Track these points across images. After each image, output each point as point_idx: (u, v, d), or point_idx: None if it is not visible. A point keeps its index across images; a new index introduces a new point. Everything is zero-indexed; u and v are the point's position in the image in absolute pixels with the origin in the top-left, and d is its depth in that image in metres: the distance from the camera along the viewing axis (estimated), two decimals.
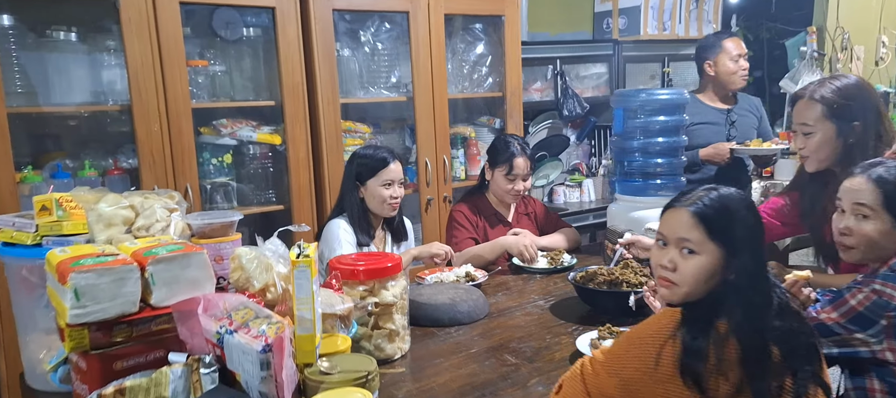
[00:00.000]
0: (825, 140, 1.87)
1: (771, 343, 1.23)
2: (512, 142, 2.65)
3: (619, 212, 2.65)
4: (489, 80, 3.63)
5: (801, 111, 1.91)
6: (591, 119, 4.15)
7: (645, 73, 4.25)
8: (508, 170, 2.61)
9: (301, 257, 1.38)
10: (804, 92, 1.92)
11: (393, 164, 2.43)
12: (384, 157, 2.43)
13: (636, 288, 1.94)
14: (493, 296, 2.23)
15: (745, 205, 1.31)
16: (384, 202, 2.42)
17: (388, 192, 2.41)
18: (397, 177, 2.43)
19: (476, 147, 3.60)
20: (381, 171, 2.41)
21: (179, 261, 1.36)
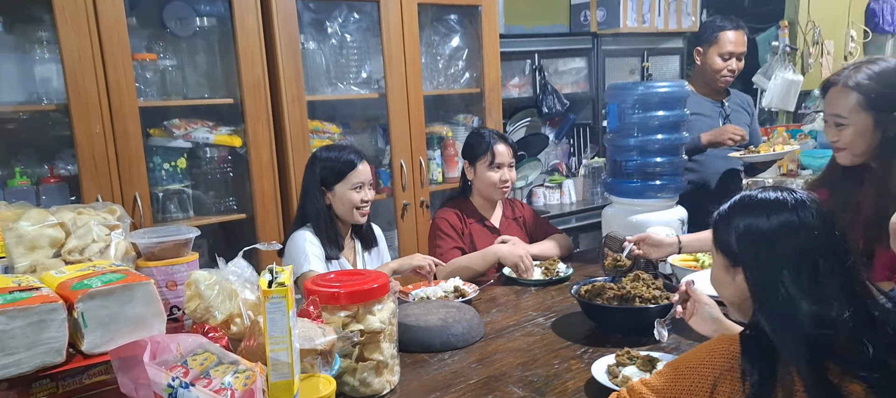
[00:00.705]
0: (860, 132, 1.67)
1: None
2: (486, 132, 2.47)
3: (615, 216, 2.44)
4: (466, 75, 3.40)
5: (834, 100, 1.71)
6: (570, 117, 3.96)
7: (624, 68, 4.08)
8: (491, 159, 2.39)
9: (274, 286, 1.12)
10: (838, 78, 1.72)
11: (361, 166, 2.18)
12: (351, 158, 2.17)
13: (650, 303, 1.72)
14: (486, 313, 2.00)
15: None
16: (354, 208, 2.16)
17: (359, 195, 2.16)
18: (367, 178, 2.18)
19: (454, 147, 3.36)
20: (349, 174, 2.15)
21: (118, 296, 1.08)
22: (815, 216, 1.12)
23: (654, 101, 2.33)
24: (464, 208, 2.49)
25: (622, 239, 2.13)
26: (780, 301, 1.08)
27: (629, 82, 2.75)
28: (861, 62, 1.70)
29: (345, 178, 2.16)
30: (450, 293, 2.11)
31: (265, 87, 2.76)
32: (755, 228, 1.14)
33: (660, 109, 2.33)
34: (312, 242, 2.12)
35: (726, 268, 1.20)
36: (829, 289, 1.06)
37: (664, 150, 2.35)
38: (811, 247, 1.09)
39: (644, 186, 2.36)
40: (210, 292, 1.32)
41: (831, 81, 1.73)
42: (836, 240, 1.11)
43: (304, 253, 2.09)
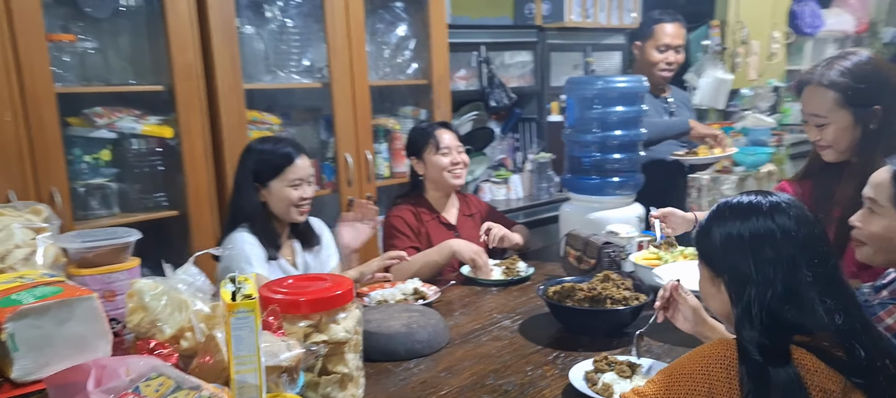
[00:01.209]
0: (842, 130, 1.66)
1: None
2: (424, 123, 2.41)
3: (574, 213, 2.39)
4: (413, 65, 3.28)
5: (811, 99, 1.70)
6: (515, 111, 3.91)
7: (569, 63, 4.06)
8: (436, 145, 2.31)
9: (240, 298, 0.98)
10: (811, 76, 1.70)
11: (299, 160, 2.03)
12: (288, 151, 2.02)
13: (621, 305, 1.67)
14: (449, 316, 1.90)
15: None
16: (292, 206, 2.02)
17: (297, 193, 2.01)
18: (307, 174, 2.04)
19: (400, 141, 3.23)
20: (286, 169, 2.00)
21: (55, 313, 0.92)
22: (791, 219, 1.08)
23: (613, 96, 2.29)
24: (418, 205, 2.38)
25: (586, 238, 2.08)
26: (761, 308, 1.03)
27: (588, 76, 2.70)
28: (832, 59, 1.69)
29: (281, 174, 2.00)
30: (409, 295, 2.00)
31: (199, 73, 2.56)
32: (732, 236, 1.10)
33: (618, 105, 2.29)
34: (252, 244, 1.96)
35: (711, 279, 1.16)
36: (811, 294, 1.03)
37: (623, 146, 2.31)
38: (789, 251, 1.06)
39: (603, 183, 2.32)
40: (156, 303, 1.16)
41: (805, 80, 1.71)
42: (816, 242, 1.07)
43: (246, 256, 1.93)
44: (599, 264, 2.00)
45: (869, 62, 1.64)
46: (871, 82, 1.62)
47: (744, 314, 1.05)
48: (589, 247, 2.04)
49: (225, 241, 2.03)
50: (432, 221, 2.36)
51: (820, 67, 1.68)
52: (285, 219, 2.08)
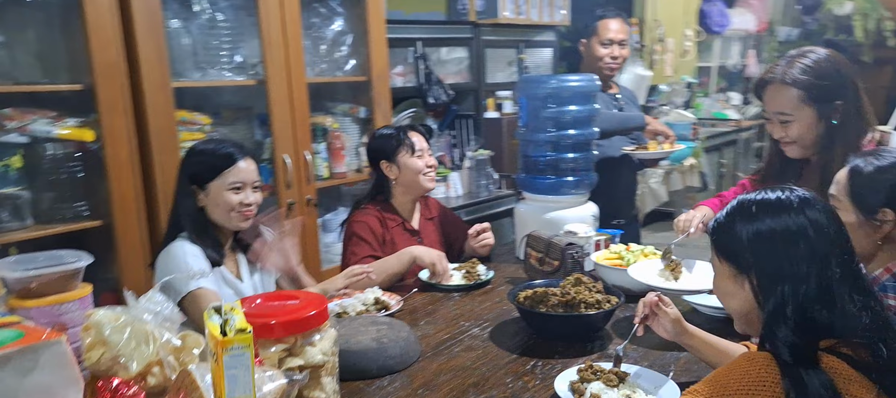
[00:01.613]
0: (808, 126, 1.71)
1: None
2: (392, 126, 2.32)
3: (529, 213, 2.37)
4: (351, 61, 3.16)
5: (774, 97, 1.73)
6: (452, 107, 3.85)
7: (503, 59, 4.05)
8: (411, 148, 2.23)
9: (232, 332, 0.87)
10: (773, 75, 1.73)
11: (243, 162, 1.89)
12: (230, 152, 1.89)
13: (594, 309, 1.65)
14: (415, 326, 1.82)
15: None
16: (232, 211, 1.88)
17: (238, 197, 1.87)
18: (250, 178, 1.90)
19: (340, 140, 3.12)
20: (226, 171, 1.86)
21: (17, 363, 0.78)
22: (822, 213, 1.07)
23: (567, 95, 2.27)
24: (384, 210, 2.28)
25: (548, 239, 2.05)
26: (795, 308, 1.02)
27: (541, 75, 2.67)
28: (792, 56, 1.73)
29: (220, 176, 1.86)
30: (370, 306, 1.91)
31: (123, 71, 2.35)
32: (762, 233, 1.07)
33: (571, 104, 2.27)
34: (195, 255, 1.81)
35: (733, 277, 1.13)
36: (842, 291, 1.02)
37: (577, 145, 2.30)
38: (822, 247, 1.04)
39: (558, 182, 2.30)
40: (118, 337, 1.03)
41: (767, 79, 1.74)
42: (844, 238, 1.07)
43: (189, 267, 1.77)
44: (563, 265, 1.98)
45: (828, 59, 1.70)
46: (832, 79, 1.67)
47: (776, 313, 1.03)
48: (552, 248, 2.02)
49: (162, 254, 1.87)
50: (398, 228, 2.27)
51: (781, 66, 1.72)
52: (226, 226, 1.93)
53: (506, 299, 2.01)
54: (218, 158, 1.88)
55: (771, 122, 1.78)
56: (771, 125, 1.79)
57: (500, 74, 4.04)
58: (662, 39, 5.73)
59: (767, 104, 1.77)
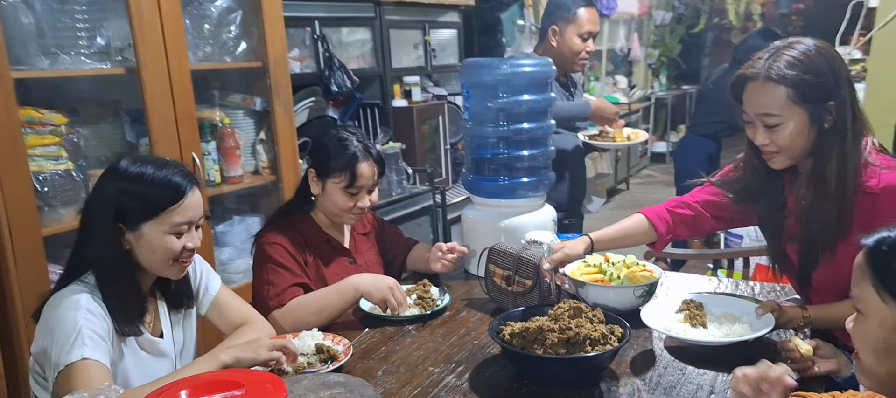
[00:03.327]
0: (799, 130, 1.42)
1: None
2: (349, 139, 1.81)
3: (481, 221, 2.04)
4: (242, 44, 2.66)
5: (758, 97, 1.44)
6: (356, 95, 3.44)
7: (408, 41, 3.69)
8: (349, 181, 1.78)
9: None
10: (754, 70, 1.44)
11: (192, 196, 1.40)
12: (177, 182, 1.39)
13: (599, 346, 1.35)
14: (373, 379, 1.44)
15: None
16: (170, 260, 1.41)
17: (181, 242, 1.40)
18: (198, 215, 1.43)
19: (233, 138, 2.62)
20: (171, 208, 1.38)
21: None
22: None
23: (520, 82, 1.95)
24: (304, 229, 1.84)
25: (516, 254, 1.74)
26: None
27: (487, 59, 2.33)
28: (777, 48, 1.45)
29: (162, 214, 1.37)
30: (311, 356, 1.50)
31: None
32: None
33: (526, 92, 1.96)
34: (91, 311, 1.31)
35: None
36: None
37: (534, 140, 2.00)
38: None
39: (514, 184, 1.99)
40: None
41: (748, 76, 1.45)
42: None
43: (77, 330, 1.28)
44: (538, 285, 1.67)
45: (819, 51, 1.43)
46: (825, 75, 1.41)
47: None
48: (522, 264, 1.71)
49: (48, 305, 1.35)
50: (324, 245, 1.86)
51: (763, 60, 1.44)
52: (157, 274, 1.45)
53: (473, 329, 1.68)
54: (161, 191, 1.37)
55: (752, 126, 1.49)
56: (752, 129, 1.50)
57: (405, 58, 3.67)
58: None
59: (748, 105, 1.47)
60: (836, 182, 1.43)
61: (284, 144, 2.74)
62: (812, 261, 1.51)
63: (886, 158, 1.47)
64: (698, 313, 1.57)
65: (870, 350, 0.93)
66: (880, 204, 1.40)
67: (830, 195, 1.43)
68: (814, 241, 1.48)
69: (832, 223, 1.44)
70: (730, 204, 1.67)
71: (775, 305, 1.51)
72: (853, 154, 1.43)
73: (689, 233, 1.74)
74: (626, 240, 1.70)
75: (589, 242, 1.65)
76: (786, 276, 1.65)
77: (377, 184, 1.85)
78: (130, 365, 1.39)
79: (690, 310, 1.58)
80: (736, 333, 1.50)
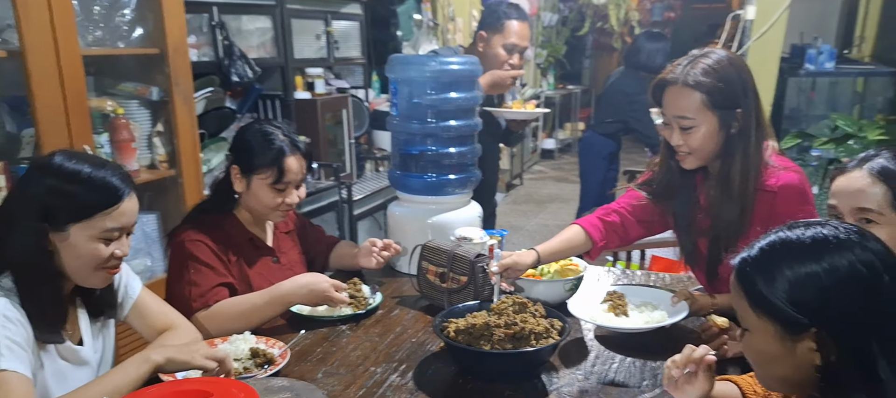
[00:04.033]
0: (711, 133, 1.54)
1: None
2: (274, 133, 1.73)
3: (408, 217, 2.03)
4: (138, 30, 2.47)
5: (676, 100, 1.55)
6: (255, 86, 3.29)
7: (311, 32, 3.58)
8: (277, 176, 1.70)
9: None
10: (674, 76, 1.54)
11: (128, 201, 1.28)
12: (113, 184, 1.26)
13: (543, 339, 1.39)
14: (314, 382, 1.39)
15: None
16: (98, 266, 1.28)
17: (110, 249, 1.28)
18: (132, 221, 1.31)
19: (127, 130, 2.42)
20: (104, 213, 1.25)
21: None
22: (879, 242, 0.94)
23: (448, 79, 1.96)
24: (225, 226, 1.74)
25: (450, 251, 1.74)
26: (890, 367, 0.85)
27: (414, 55, 2.30)
28: (695, 56, 1.56)
29: (95, 217, 1.24)
30: (247, 361, 1.43)
31: None
32: (830, 276, 0.88)
33: (454, 90, 1.97)
34: (8, 318, 1.17)
35: (780, 337, 0.92)
36: None
37: (462, 137, 2.01)
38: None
39: (442, 181, 1.99)
40: None
41: (668, 80, 1.56)
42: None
43: None
44: (473, 281, 1.69)
45: (730, 61, 1.55)
46: (733, 84, 1.53)
47: (886, 382, 0.85)
48: (457, 261, 1.72)
49: None
50: (247, 245, 1.76)
51: (682, 66, 1.55)
52: (81, 282, 1.31)
53: (410, 327, 1.67)
54: (96, 193, 1.24)
55: (669, 127, 1.60)
56: (668, 130, 1.61)
57: (307, 49, 3.56)
58: (453, 19, 5.68)
59: (667, 107, 1.57)
60: (740, 182, 1.55)
61: (184, 137, 2.58)
62: (719, 255, 1.64)
63: (785, 160, 1.62)
64: (621, 303, 1.65)
65: (759, 361, 0.99)
66: (778, 201, 1.55)
67: (734, 194, 1.56)
68: (720, 237, 1.61)
69: (735, 220, 1.57)
70: (650, 207, 1.76)
71: (689, 294, 1.62)
72: (755, 157, 1.56)
73: (619, 241, 1.80)
74: (569, 251, 1.75)
75: (536, 256, 1.69)
76: (696, 269, 1.77)
77: (304, 179, 1.79)
78: (50, 375, 1.26)
79: (614, 300, 1.66)
80: (656, 320, 1.60)
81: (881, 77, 4.32)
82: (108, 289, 1.39)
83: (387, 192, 3.70)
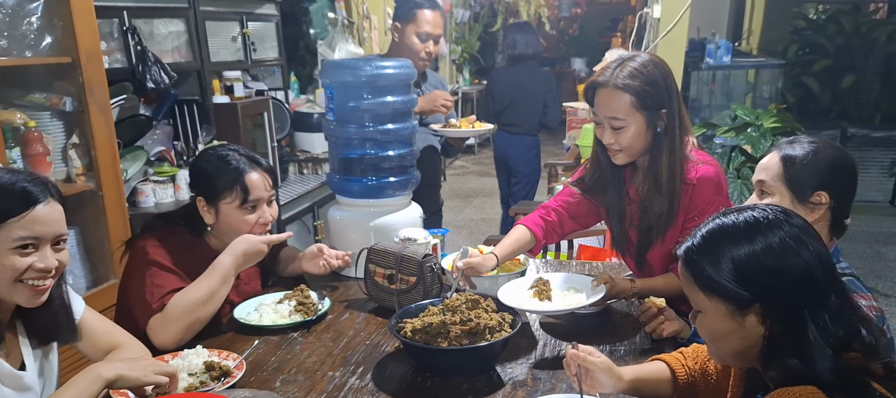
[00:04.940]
0: (639, 133, 1.65)
1: None
2: (229, 155, 1.70)
3: (351, 221, 2.03)
4: (47, 38, 2.33)
5: (607, 102, 1.65)
6: (171, 92, 3.18)
7: (227, 34, 3.49)
8: (242, 196, 1.67)
9: None
10: (606, 78, 1.64)
11: (44, 207, 1.22)
12: (26, 189, 1.21)
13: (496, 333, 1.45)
14: (274, 391, 1.39)
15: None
16: (17, 281, 1.22)
17: (27, 260, 1.21)
18: (52, 231, 1.24)
19: (40, 143, 2.29)
20: (14, 221, 1.19)
21: None
22: (800, 218, 1.05)
23: (384, 83, 1.97)
24: (191, 243, 1.71)
25: (398, 253, 1.77)
26: (821, 329, 0.96)
27: (351, 59, 2.29)
28: (623, 59, 1.67)
29: (4, 226, 1.18)
30: (202, 376, 1.41)
31: None
32: (765, 254, 0.99)
33: (390, 94, 1.99)
34: None
35: (730, 314, 1.02)
36: (844, 301, 1.01)
37: (400, 140, 2.04)
38: (824, 254, 1.01)
39: (382, 184, 2.01)
40: None
41: (599, 82, 1.66)
42: (825, 248, 1.05)
43: None
44: (422, 281, 1.73)
45: (654, 64, 1.66)
46: (658, 86, 1.64)
47: (804, 341, 0.95)
48: (405, 262, 1.75)
49: None
50: (208, 262, 1.71)
51: (611, 69, 1.65)
52: (5, 298, 1.24)
53: (361, 330, 1.69)
54: (5, 200, 1.18)
55: (600, 127, 1.70)
56: (600, 129, 1.71)
57: (224, 52, 3.47)
58: (368, 17, 5.66)
59: (599, 108, 1.67)
60: (667, 177, 1.67)
61: (102, 148, 2.47)
62: (648, 244, 1.76)
63: (703, 154, 1.76)
64: (545, 288, 1.71)
65: (713, 338, 1.09)
66: (697, 191, 1.68)
67: (663, 189, 1.68)
68: (651, 227, 1.73)
69: (665, 212, 1.69)
70: (583, 203, 1.87)
71: (608, 278, 1.70)
72: (679, 153, 1.68)
73: (557, 237, 1.90)
74: (518, 250, 1.82)
75: (495, 259, 1.76)
76: (626, 256, 1.88)
77: (273, 195, 1.76)
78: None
79: (539, 286, 1.72)
80: (574, 302, 1.66)
81: (770, 69, 4.71)
82: (49, 312, 1.33)
83: (314, 195, 3.66)
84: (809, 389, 0.95)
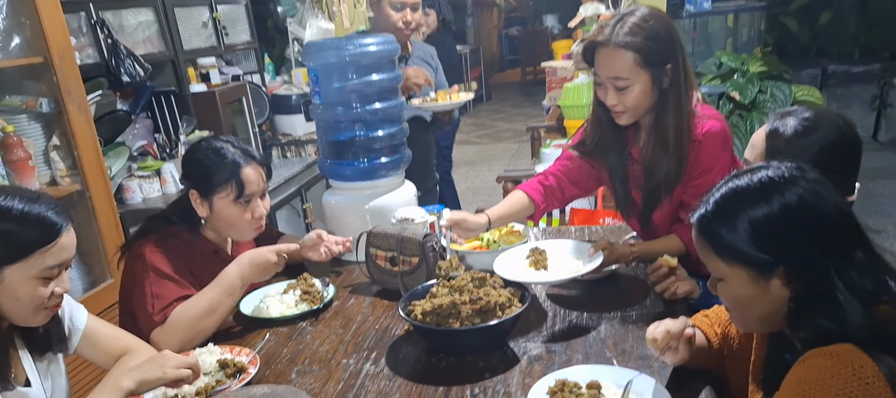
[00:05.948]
0: (644, 91, 1.59)
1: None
2: (224, 148, 1.67)
3: (346, 205, 2.02)
4: (15, 39, 2.26)
5: (608, 62, 1.59)
6: (147, 84, 3.10)
7: (197, 20, 3.41)
8: (238, 191, 1.64)
9: None
10: (604, 38, 1.58)
11: (67, 236, 1.20)
12: (49, 219, 1.18)
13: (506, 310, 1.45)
14: (292, 383, 1.39)
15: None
16: (39, 307, 1.21)
17: (49, 288, 1.20)
18: (70, 256, 1.23)
19: (21, 148, 2.23)
20: (42, 251, 1.17)
21: None
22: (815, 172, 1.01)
23: (367, 62, 1.94)
24: (190, 239, 1.69)
25: (398, 235, 1.76)
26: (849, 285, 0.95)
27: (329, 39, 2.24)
28: (622, 15, 1.60)
29: (33, 256, 1.16)
30: (216, 374, 1.40)
31: None
32: (784, 215, 0.96)
33: (375, 72, 1.96)
34: None
35: (754, 280, 1.00)
36: (870, 253, 0.98)
37: (388, 119, 2.02)
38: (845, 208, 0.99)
39: (374, 165, 1.99)
40: None
41: (599, 42, 1.60)
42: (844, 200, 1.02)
43: None
44: (424, 261, 1.73)
45: (655, 17, 1.59)
46: (662, 40, 1.58)
47: (842, 301, 0.94)
48: (405, 244, 1.74)
49: None
50: (210, 257, 1.69)
51: (610, 27, 1.59)
52: (19, 323, 1.23)
53: (369, 315, 1.70)
54: (32, 230, 1.16)
55: (603, 88, 1.64)
56: (603, 90, 1.63)
57: (196, 38, 3.40)
58: None
59: (600, 69, 1.61)
60: (674, 136, 1.63)
61: (85, 147, 2.41)
62: (654, 204, 1.75)
63: (708, 108, 1.71)
64: (541, 258, 1.70)
65: (736, 305, 1.06)
66: (703, 148, 1.64)
67: (670, 148, 1.64)
68: (657, 186, 1.71)
69: (673, 170, 1.65)
70: (583, 166, 1.84)
71: (607, 244, 1.69)
72: (686, 109, 1.62)
73: (557, 202, 1.88)
74: (514, 215, 1.81)
75: (487, 219, 1.74)
76: (630, 218, 1.88)
77: (266, 188, 1.74)
78: None
79: (535, 256, 1.71)
80: (571, 271, 1.65)
81: (750, 12, 4.68)
82: (53, 323, 1.31)
83: (299, 179, 3.63)
84: (846, 347, 0.92)
